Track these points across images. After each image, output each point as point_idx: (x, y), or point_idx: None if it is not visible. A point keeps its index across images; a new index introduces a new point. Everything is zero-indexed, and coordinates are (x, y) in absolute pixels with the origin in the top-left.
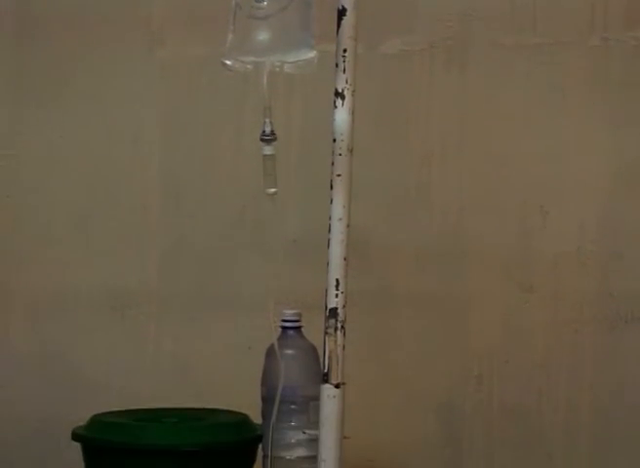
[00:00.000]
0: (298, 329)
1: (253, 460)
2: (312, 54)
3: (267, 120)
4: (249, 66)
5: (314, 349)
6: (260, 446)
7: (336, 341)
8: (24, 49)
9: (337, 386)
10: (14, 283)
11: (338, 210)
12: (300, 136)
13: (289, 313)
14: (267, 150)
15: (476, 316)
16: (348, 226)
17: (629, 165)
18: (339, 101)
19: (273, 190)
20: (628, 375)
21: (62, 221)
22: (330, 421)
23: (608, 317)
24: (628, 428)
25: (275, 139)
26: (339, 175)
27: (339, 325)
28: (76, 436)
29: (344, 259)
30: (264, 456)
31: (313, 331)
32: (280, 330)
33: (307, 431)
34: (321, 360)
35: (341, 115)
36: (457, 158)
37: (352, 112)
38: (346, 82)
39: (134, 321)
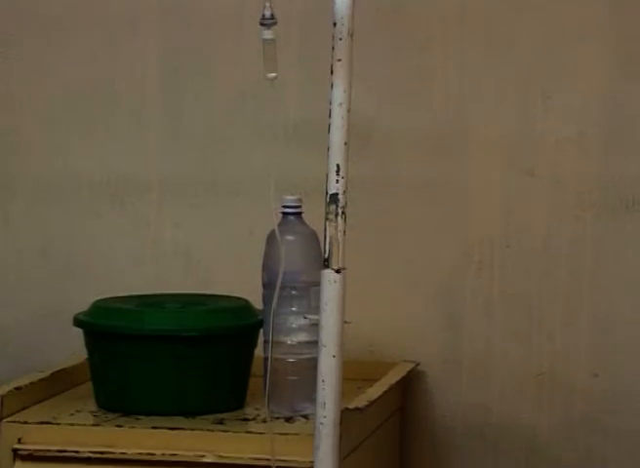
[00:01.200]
0: (298, 214)
1: (254, 345)
2: None
3: (267, 3)
4: None
5: (315, 235)
6: (262, 331)
7: (336, 227)
8: None
9: (337, 271)
10: (14, 170)
11: (338, 95)
12: (301, 20)
13: (289, 199)
14: (267, 34)
15: (477, 201)
16: (349, 111)
17: (631, 49)
18: None
19: (273, 75)
20: (629, 260)
21: (62, 108)
22: (330, 306)
23: (609, 202)
24: (628, 312)
25: (275, 23)
26: (339, 60)
27: (339, 210)
28: (78, 321)
29: (345, 144)
30: (265, 341)
31: (314, 217)
32: (281, 215)
33: (308, 316)
34: (322, 245)
35: None
36: (458, 43)
37: None
38: None
39: (134, 208)
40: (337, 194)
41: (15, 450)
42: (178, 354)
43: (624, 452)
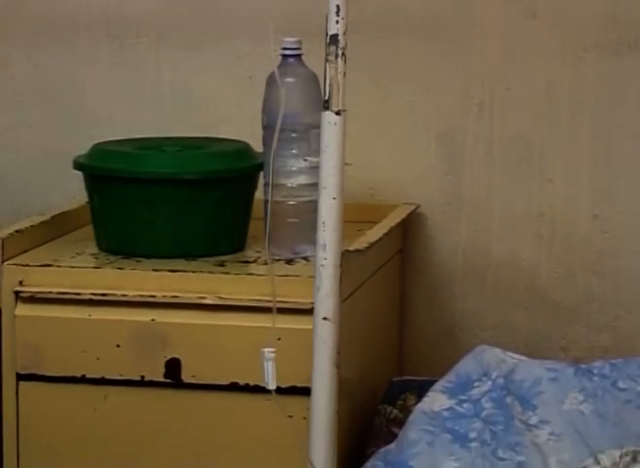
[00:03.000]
0: (298, 56)
1: (254, 188)
2: None
3: None
4: None
5: (315, 77)
6: (262, 174)
7: (336, 68)
8: None
9: (337, 113)
10: (11, 12)
11: None
12: None
13: (289, 41)
14: None
15: (478, 43)
16: None
17: None
18: None
19: None
20: (630, 101)
21: None
22: (330, 148)
23: (611, 42)
24: (629, 154)
25: None
26: None
27: (339, 51)
28: (78, 165)
29: None
30: (266, 184)
31: (314, 60)
32: (280, 58)
33: (308, 158)
34: (322, 87)
35: None
36: None
37: None
38: None
39: (133, 50)
40: (337, 35)
41: (16, 293)
42: (178, 197)
43: (623, 294)
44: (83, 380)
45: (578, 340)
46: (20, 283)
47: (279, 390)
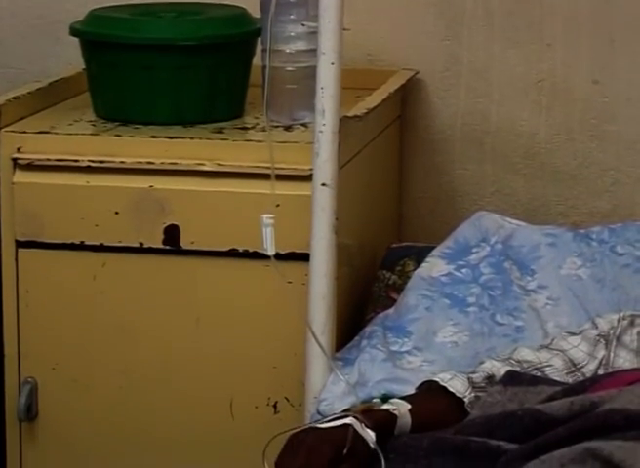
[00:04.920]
0: None
1: (252, 54)
2: None
3: None
4: None
5: None
6: (260, 39)
7: None
8: None
9: None
10: None
11: None
12: None
13: None
14: None
15: None
16: None
17: None
18: None
19: None
20: None
21: None
22: (329, 13)
23: None
24: (630, 19)
25: None
26: None
27: None
28: (74, 31)
29: None
30: (264, 50)
31: None
32: None
33: (307, 23)
34: None
35: None
36: None
37: None
38: None
39: None
40: None
41: (14, 160)
42: (175, 63)
43: (622, 159)
44: (82, 247)
45: (576, 205)
46: (18, 150)
47: (278, 256)
